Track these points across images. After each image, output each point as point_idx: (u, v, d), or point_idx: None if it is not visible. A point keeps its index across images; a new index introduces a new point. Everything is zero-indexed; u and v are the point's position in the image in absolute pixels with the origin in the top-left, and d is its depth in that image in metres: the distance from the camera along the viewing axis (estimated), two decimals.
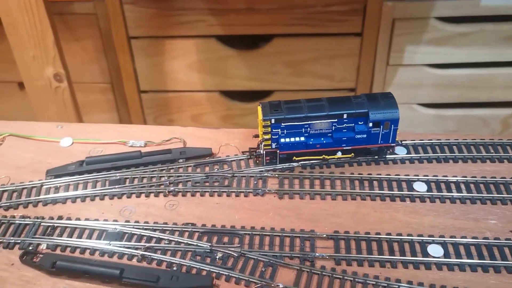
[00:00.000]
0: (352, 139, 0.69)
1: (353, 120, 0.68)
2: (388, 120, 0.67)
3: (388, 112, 0.67)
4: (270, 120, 0.67)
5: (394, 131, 0.68)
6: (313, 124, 0.68)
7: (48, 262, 0.58)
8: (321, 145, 0.69)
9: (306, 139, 0.69)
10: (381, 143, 0.69)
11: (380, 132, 0.68)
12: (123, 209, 0.66)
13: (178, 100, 1.52)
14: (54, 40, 0.98)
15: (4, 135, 0.79)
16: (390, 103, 0.68)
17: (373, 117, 0.67)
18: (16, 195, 0.68)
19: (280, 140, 0.68)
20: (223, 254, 0.59)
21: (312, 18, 1.35)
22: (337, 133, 0.68)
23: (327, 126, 0.68)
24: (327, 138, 0.69)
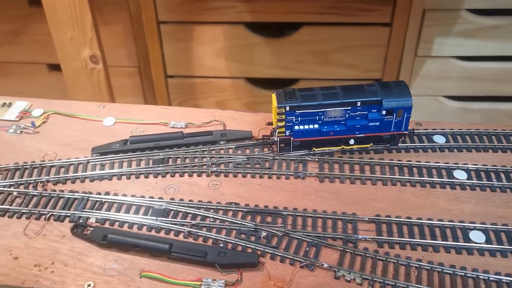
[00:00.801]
0: (365, 126, 0.70)
1: (366, 108, 0.69)
2: (401, 108, 0.68)
3: (402, 100, 0.68)
4: (284, 108, 0.67)
5: (407, 119, 0.69)
6: (327, 112, 0.68)
7: (99, 235, 0.60)
8: (335, 133, 0.70)
9: (320, 126, 0.69)
10: (394, 131, 0.70)
11: (393, 120, 0.69)
12: (168, 187, 0.68)
13: (203, 85, 1.53)
14: (92, 21, 1.00)
15: (49, 113, 0.81)
16: (403, 91, 0.68)
17: (387, 105, 0.68)
18: (63, 171, 0.71)
19: (294, 128, 0.69)
20: (268, 233, 0.61)
21: (342, 7, 1.35)
22: (351, 121, 0.69)
23: (341, 114, 0.69)
24: (340, 125, 0.70)
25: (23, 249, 0.60)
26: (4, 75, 1.57)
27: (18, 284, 0.56)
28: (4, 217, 0.64)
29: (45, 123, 0.79)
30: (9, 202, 0.66)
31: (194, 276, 0.57)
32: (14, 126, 0.78)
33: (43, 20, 1.44)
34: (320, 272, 0.57)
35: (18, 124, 0.79)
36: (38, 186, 0.68)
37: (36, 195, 0.66)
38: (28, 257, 0.59)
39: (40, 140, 0.76)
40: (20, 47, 1.50)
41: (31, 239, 0.61)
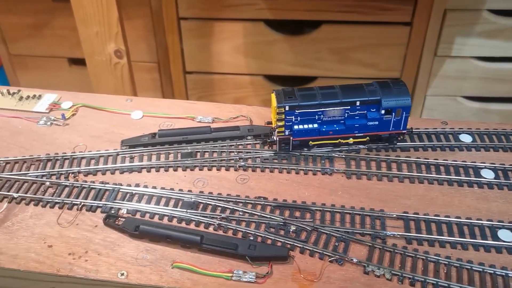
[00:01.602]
0: (364, 126, 0.70)
1: (365, 107, 0.69)
2: (400, 108, 0.69)
3: (400, 99, 0.68)
4: (284, 107, 0.68)
5: (406, 118, 0.70)
6: (327, 111, 0.69)
7: (131, 226, 0.61)
8: (334, 132, 0.70)
9: (319, 126, 0.70)
10: (392, 130, 0.71)
11: (392, 119, 0.69)
12: (196, 181, 0.69)
13: (222, 82, 1.54)
14: (118, 16, 1.01)
15: (78, 105, 0.82)
16: (402, 90, 0.69)
17: (386, 104, 0.68)
18: (94, 162, 0.72)
19: (294, 127, 0.70)
20: (296, 228, 0.62)
21: (362, 6, 1.35)
22: (350, 120, 0.70)
23: (340, 113, 0.69)
24: (339, 125, 0.70)
25: (57, 238, 0.61)
26: (25, 68, 1.60)
27: (53, 272, 0.57)
28: (38, 206, 0.65)
29: (75, 115, 0.81)
30: (42, 192, 0.67)
31: (225, 267, 0.58)
32: (44, 118, 0.79)
33: (66, 15, 1.46)
34: (349, 267, 0.57)
35: (48, 116, 0.80)
36: (70, 177, 0.70)
37: (68, 186, 0.68)
38: (62, 246, 0.60)
39: (70, 132, 0.78)
40: (42, 40, 1.52)
41: (64, 228, 0.62)
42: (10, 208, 0.65)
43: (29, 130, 0.78)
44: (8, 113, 0.81)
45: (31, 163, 0.72)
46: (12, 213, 0.64)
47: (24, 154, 0.73)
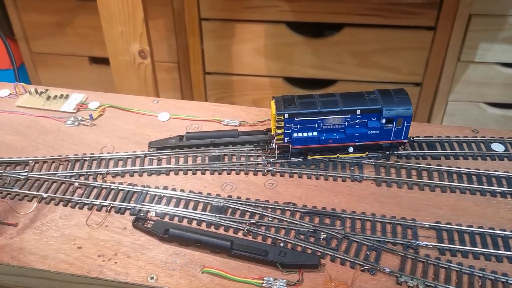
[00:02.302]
0: (364, 135, 0.69)
1: (366, 116, 0.68)
2: (401, 117, 0.68)
3: (402, 108, 0.67)
4: (283, 115, 0.67)
5: (407, 127, 0.69)
6: (326, 120, 0.68)
7: (161, 229, 0.61)
8: (334, 141, 0.69)
9: (319, 134, 0.69)
10: (393, 139, 0.70)
11: (393, 128, 0.68)
12: (224, 185, 0.69)
13: (241, 83, 1.54)
14: (143, 17, 1.01)
15: (105, 106, 0.82)
16: (403, 99, 0.68)
17: (387, 113, 0.67)
18: (121, 164, 0.72)
19: (293, 135, 0.69)
20: (327, 235, 0.61)
21: (386, 9, 1.34)
22: (350, 129, 0.69)
23: (340, 122, 0.68)
24: (339, 133, 0.69)
25: (87, 239, 0.61)
26: (46, 66, 1.61)
27: (84, 274, 0.57)
28: (67, 207, 0.65)
29: (102, 116, 0.81)
30: (71, 192, 0.67)
31: (255, 274, 0.57)
32: (72, 118, 0.80)
33: (88, 13, 1.47)
34: (381, 276, 0.56)
35: (75, 116, 0.80)
36: (98, 178, 0.70)
37: (97, 187, 0.68)
38: (92, 247, 0.60)
39: (98, 132, 0.78)
40: (63, 39, 1.53)
41: (93, 230, 0.62)
42: (40, 208, 0.65)
43: (57, 129, 0.78)
44: (36, 112, 0.81)
45: (59, 163, 0.72)
46: (42, 213, 0.65)
47: (53, 154, 0.73)
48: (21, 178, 0.69)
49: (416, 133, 0.76)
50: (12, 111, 0.82)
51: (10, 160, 0.72)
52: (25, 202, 0.66)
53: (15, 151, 0.74)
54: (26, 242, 0.61)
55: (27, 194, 0.67)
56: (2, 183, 0.68)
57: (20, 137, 0.77)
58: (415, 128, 0.77)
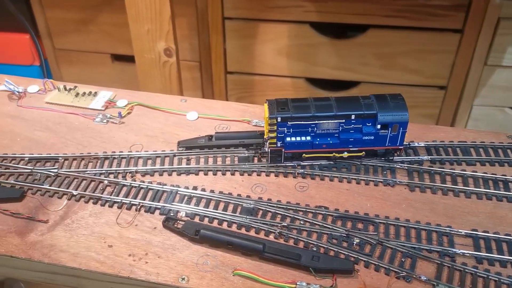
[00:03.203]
0: (359, 140, 0.68)
1: (361, 121, 0.66)
2: (397, 123, 0.66)
3: (398, 114, 0.66)
4: (276, 119, 0.66)
5: (403, 134, 0.67)
6: (320, 124, 0.67)
7: (191, 230, 0.61)
8: (328, 145, 0.68)
9: (313, 138, 0.68)
10: (389, 145, 0.68)
11: (388, 134, 0.67)
12: (254, 186, 0.68)
13: (262, 83, 1.53)
14: (170, 15, 1.00)
15: (133, 104, 0.82)
16: (399, 105, 0.66)
17: (382, 119, 0.66)
18: (150, 163, 0.71)
19: (286, 139, 0.67)
20: (360, 240, 0.60)
21: (412, 11, 1.32)
22: (344, 134, 0.67)
23: (334, 127, 0.67)
24: (333, 138, 0.68)
25: (117, 238, 0.61)
26: (69, 63, 1.61)
27: (115, 273, 0.57)
28: (97, 204, 0.65)
29: (130, 113, 0.81)
30: (101, 190, 0.67)
31: (287, 278, 0.56)
32: (100, 115, 0.79)
33: (111, 11, 1.47)
34: (417, 284, 0.55)
35: (104, 113, 0.80)
36: (127, 176, 0.69)
37: (126, 185, 0.67)
38: (122, 246, 0.60)
39: (126, 130, 0.77)
40: (87, 36, 1.54)
41: (123, 229, 0.62)
42: (70, 205, 0.65)
43: (86, 127, 0.78)
44: (65, 109, 0.81)
45: (89, 160, 0.71)
46: (72, 210, 0.64)
47: (82, 151, 0.73)
48: (51, 175, 0.69)
49: (450, 138, 0.74)
50: (41, 107, 0.82)
51: (40, 156, 0.72)
52: (55, 199, 0.66)
53: (44, 147, 0.74)
54: (57, 239, 0.60)
55: (57, 191, 0.67)
56: (33, 179, 0.68)
57: (49, 134, 0.77)
58: (449, 133, 0.75)
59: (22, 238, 0.60)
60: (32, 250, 0.59)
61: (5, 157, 0.72)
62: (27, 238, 0.61)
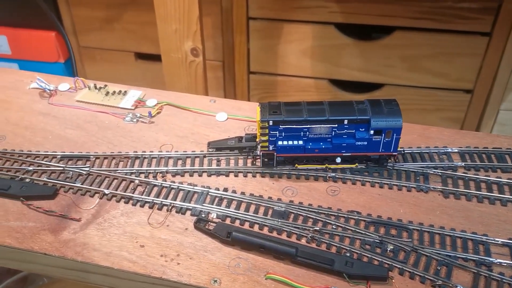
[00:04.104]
0: (352, 145, 0.66)
1: (354, 126, 0.65)
2: (390, 129, 0.65)
3: (391, 120, 0.64)
4: (268, 122, 0.65)
5: (397, 140, 0.66)
6: (312, 128, 0.66)
7: (223, 232, 0.60)
8: (320, 150, 0.67)
9: (305, 143, 0.67)
10: (382, 151, 0.67)
11: (382, 140, 0.66)
12: (285, 189, 0.67)
13: (285, 84, 1.53)
14: (198, 15, 1.00)
15: (162, 103, 0.82)
16: (393, 111, 0.65)
17: (375, 124, 0.64)
18: (181, 163, 0.71)
19: (278, 143, 0.67)
20: (394, 247, 0.59)
21: (439, 13, 1.30)
22: (337, 139, 0.66)
23: (327, 131, 0.66)
24: (326, 143, 0.67)
25: (149, 238, 0.61)
26: (92, 61, 1.63)
27: (147, 273, 0.57)
28: (128, 204, 0.65)
29: (159, 113, 0.81)
30: (132, 189, 0.67)
31: (320, 283, 0.56)
32: (130, 115, 0.80)
33: (136, 9, 1.48)
34: None
35: (134, 112, 0.80)
36: (158, 176, 0.69)
37: (157, 185, 0.67)
38: (154, 247, 0.60)
39: (156, 130, 0.78)
40: (111, 34, 1.55)
41: (155, 229, 0.62)
42: (102, 204, 0.65)
43: (116, 126, 0.78)
44: (95, 108, 0.82)
45: (119, 159, 0.72)
46: (104, 209, 0.65)
47: (112, 150, 0.74)
48: (83, 173, 0.69)
49: (484, 144, 0.73)
50: (72, 105, 0.82)
51: (71, 154, 0.72)
52: (87, 197, 0.66)
53: (76, 145, 0.74)
54: (89, 238, 0.61)
55: (89, 190, 0.67)
56: (65, 177, 0.69)
57: (80, 132, 0.77)
58: (482, 139, 0.74)
59: (55, 236, 0.61)
60: (65, 248, 0.59)
61: (37, 155, 0.72)
62: (60, 236, 0.61)
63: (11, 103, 0.83)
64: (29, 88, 0.87)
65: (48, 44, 1.58)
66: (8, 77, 0.90)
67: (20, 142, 0.75)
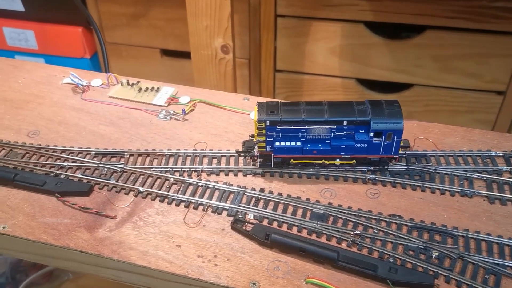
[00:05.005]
0: (351, 147, 0.64)
1: (353, 128, 0.63)
2: (391, 131, 0.62)
3: (392, 122, 0.62)
4: (264, 122, 0.63)
5: (397, 142, 0.63)
6: (311, 130, 0.63)
7: (261, 233, 0.59)
8: (318, 152, 0.65)
9: (303, 144, 0.65)
10: (383, 154, 0.64)
11: (382, 142, 0.63)
12: (323, 191, 0.66)
13: (311, 83, 1.51)
14: (230, 12, 0.99)
15: (195, 101, 0.81)
16: (395, 112, 0.62)
17: (375, 126, 0.62)
18: (216, 162, 0.70)
19: (275, 144, 0.65)
20: (440, 253, 0.57)
21: (473, 13, 1.26)
22: (336, 141, 0.64)
23: (326, 133, 0.64)
24: (325, 144, 0.65)
25: (185, 238, 0.60)
26: (118, 56, 1.63)
27: (184, 274, 0.56)
28: (163, 202, 0.64)
29: (193, 111, 0.80)
30: (167, 188, 0.66)
31: None
32: (163, 112, 0.79)
33: (163, 6, 1.48)
34: None
35: (167, 109, 0.79)
36: (193, 175, 0.68)
37: (192, 184, 0.66)
38: (191, 247, 0.59)
39: (190, 128, 0.76)
40: (137, 30, 1.55)
41: (191, 229, 0.61)
42: (137, 202, 0.64)
43: (149, 122, 0.77)
44: (128, 104, 0.81)
45: (154, 157, 0.71)
46: (139, 207, 0.64)
47: (146, 147, 0.73)
48: (117, 170, 0.68)
49: None
50: (105, 101, 0.82)
51: (105, 151, 0.72)
52: (122, 194, 0.66)
53: (109, 142, 0.74)
54: (125, 236, 0.60)
55: (124, 187, 0.66)
56: (99, 174, 0.68)
57: (113, 128, 0.76)
58: None
59: (91, 234, 0.60)
60: (101, 246, 0.59)
61: (71, 150, 0.72)
62: (96, 233, 0.60)
63: (44, 98, 0.83)
64: (62, 83, 0.86)
65: (75, 40, 1.58)
66: (41, 71, 0.90)
67: (54, 137, 0.74)
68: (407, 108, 1.45)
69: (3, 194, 0.65)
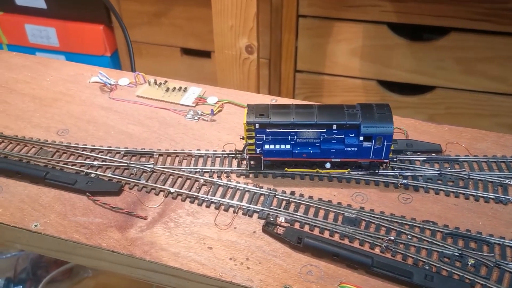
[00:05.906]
0: (341, 151, 0.64)
1: (343, 131, 0.63)
2: (381, 135, 0.61)
3: (382, 126, 0.61)
4: (254, 125, 0.63)
5: (388, 146, 0.63)
6: (300, 133, 0.63)
7: (293, 237, 0.58)
8: (308, 155, 0.64)
9: (292, 147, 0.64)
10: (373, 158, 0.64)
11: (372, 146, 0.62)
12: (355, 195, 0.65)
13: (332, 84, 1.50)
14: (255, 12, 0.98)
15: (223, 101, 0.80)
16: (385, 116, 0.62)
17: (365, 130, 0.61)
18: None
19: (264, 146, 0.64)
20: (475, 261, 0.56)
21: (498, 15, 1.25)
22: (326, 144, 0.64)
23: (315, 136, 0.63)
24: (314, 148, 0.64)
25: (216, 240, 0.59)
26: (138, 55, 1.63)
27: (216, 276, 0.55)
28: (194, 204, 0.64)
29: (221, 111, 0.79)
30: (197, 189, 0.66)
31: None
32: (191, 112, 0.78)
33: (184, 5, 1.48)
34: None
35: (195, 110, 0.79)
36: (223, 176, 0.68)
37: (222, 186, 0.66)
38: (222, 249, 0.58)
39: (218, 128, 0.76)
40: (158, 29, 1.55)
41: (222, 231, 0.61)
42: (167, 203, 0.64)
43: (177, 123, 0.77)
44: (156, 104, 0.81)
45: (183, 157, 0.71)
46: (169, 208, 0.64)
47: (175, 147, 0.73)
48: (147, 170, 0.68)
49: None
50: (133, 100, 0.82)
51: (135, 150, 0.72)
52: (152, 195, 0.65)
53: (138, 141, 0.74)
54: (156, 237, 0.60)
55: (154, 187, 0.66)
56: (129, 173, 0.68)
57: (142, 128, 0.76)
58: None
59: (122, 234, 0.60)
60: (133, 247, 0.59)
61: (101, 149, 0.72)
62: (127, 233, 0.60)
63: (73, 96, 0.83)
64: (89, 81, 0.86)
65: (96, 37, 1.59)
66: (68, 69, 0.91)
67: (83, 136, 0.75)
68: (428, 111, 1.43)
69: (34, 192, 0.66)
